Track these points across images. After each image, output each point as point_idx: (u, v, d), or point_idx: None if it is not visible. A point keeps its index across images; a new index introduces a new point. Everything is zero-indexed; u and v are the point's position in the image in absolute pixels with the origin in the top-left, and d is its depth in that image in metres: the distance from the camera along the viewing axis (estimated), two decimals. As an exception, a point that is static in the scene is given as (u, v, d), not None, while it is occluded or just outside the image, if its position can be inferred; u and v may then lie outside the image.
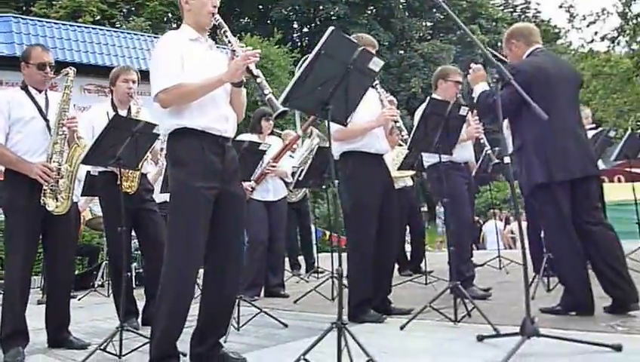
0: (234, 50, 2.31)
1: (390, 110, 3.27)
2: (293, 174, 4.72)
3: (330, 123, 2.27)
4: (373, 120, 3.22)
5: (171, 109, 2.28)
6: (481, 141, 4.36)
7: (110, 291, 4.39)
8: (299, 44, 26.17)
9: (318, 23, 26.96)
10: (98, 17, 17.56)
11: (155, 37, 11.41)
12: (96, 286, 5.80)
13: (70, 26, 10.58)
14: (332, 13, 25.07)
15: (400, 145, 4.08)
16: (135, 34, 11.27)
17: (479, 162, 4.92)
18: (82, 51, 9.90)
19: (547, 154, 2.88)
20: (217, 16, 2.41)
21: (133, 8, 19.29)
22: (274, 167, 4.34)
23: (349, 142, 3.24)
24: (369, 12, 26.20)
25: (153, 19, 18.65)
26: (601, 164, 4.83)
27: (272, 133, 4.59)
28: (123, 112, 3.40)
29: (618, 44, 11.64)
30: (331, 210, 5.86)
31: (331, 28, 2.30)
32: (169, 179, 2.34)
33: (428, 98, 3.28)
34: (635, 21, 11.06)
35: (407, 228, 5.77)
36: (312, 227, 6.86)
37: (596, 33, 11.43)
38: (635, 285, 2.78)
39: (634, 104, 12.35)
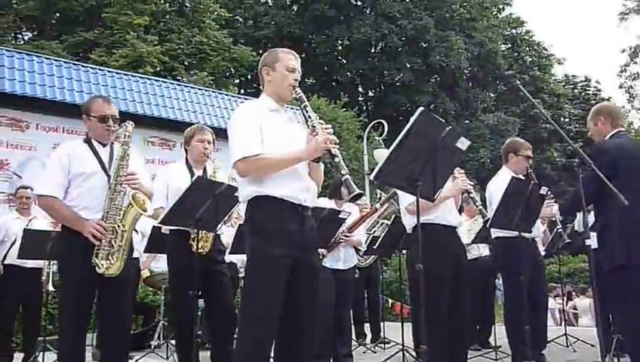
0: (314, 126, 2.48)
1: (463, 181, 3.40)
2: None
3: (418, 198, 2.42)
4: (446, 191, 3.34)
5: (251, 177, 2.45)
6: (553, 219, 4.47)
7: (169, 353, 4.53)
8: (364, 107, 26.98)
9: (383, 88, 27.84)
10: (159, 69, 18.71)
11: (218, 92, 12.08)
12: (153, 346, 5.97)
13: (132, 76, 11.27)
14: (397, 79, 25.90)
15: (477, 214, 4.20)
16: (200, 88, 11.95)
17: (550, 238, 5.11)
18: (145, 103, 10.50)
19: (630, 237, 3.04)
20: (298, 90, 2.59)
21: (195, 62, 20.54)
22: (348, 236, 4.47)
23: (422, 214, 3.35)
24: (433, 80, 26.89)
25: (216, 74, 19.74)
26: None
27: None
28: (199, 172, 3.61)
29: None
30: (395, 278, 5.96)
31: (421, 108, 2.49)
32: (246, 246, 2.49)
33: (511, 177, 3.41)
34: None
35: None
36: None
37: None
38: None
39: None
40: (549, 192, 3.73)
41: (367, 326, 6.74)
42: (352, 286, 4.67)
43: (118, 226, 2.85)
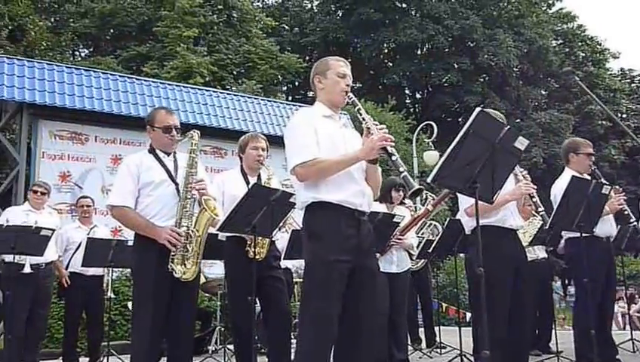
0: (369, 128, 2.49)
1: (526, 184, 3.30)
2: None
3: (477, 200, 2.37)
4: (508, 194, 3.25)
5: (308, 183, 2.47)
6: (625, 213, 4.29)
7: (227, 358, 4.61)
8: (412, 110, 26.78)
9: (430, 89, 27.54)
10: (208, 79, 19.14)
11: (267, 100, 12.24)
12: (210, 351, 6.09)
13: (184, 87, 11.56)
14: (444, 80, 25.58)
15: (533, 215, 4.09)
16: (249, 97, 12.14)
17: (616, 234, 4.89)
18: (196, 112, 10.75)
19: None
20: (351, 95, 2.62)
21: (243, 71, 20.92)
22: (401, 239, 4.43)
23: (482, 216, 3.28)
24: (482, 80, 26.39)
25: (264, 82, 20.03)
26: None
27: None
28: (253, 179, 3.66)
29: None
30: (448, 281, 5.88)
31: (478, 108, 2.45)
32: (304, 252, 2.51)
33: (571, 177, 3.30)
34: None
35: None
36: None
37: None
38: None
39: None
40: (616, 188, 3.60)
41: (419, 331, 6.66)
42: (406, 290, 4.63)
43: (192, 231, 2.91)
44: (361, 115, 2.58)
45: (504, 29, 25.11)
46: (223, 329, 6.82)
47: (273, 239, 3.61)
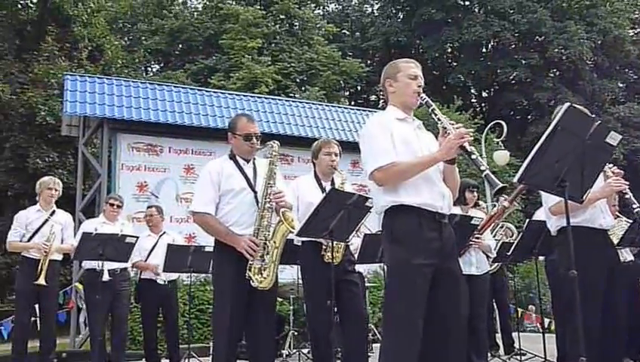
0: (445, 128, 2.44)
1: (616, 181, 3.12)
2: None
3: (567, 200, 2.25)
4: (597, 191, 3.08)
5: (387, 186, 2.45)
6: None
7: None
8: (479, 109, 26.12)
9: (497, 87, 26.75)
10: (272, 88, 19.48)
11: (331, 106, 12.29)
12: (284, 355, 6.15)
13: (251, 97, 11.81)
14: (512, 77, 24.76)
15: (617, 216, 3.83)
16: (313, 103, 12.24)
17: None
18: (263, 121, 10.94)
19: None
20: (423, 95, 2.59)
21: (306, 78, 21.15)
22: (479, 239, 4.31)
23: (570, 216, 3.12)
24: (552, 75, 25.32)
25: (327, 88, 20.16)
26: None
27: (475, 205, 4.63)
28: (327, 184, 3.68)
29: None
30: (520, 285, 5.62)
31: (567, 104, 2.35)
32: (385, 256, 2.48)
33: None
34: None
35: None
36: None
37: None
38: None
39: None
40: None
41: (496, 336, 6.43)
42: (486, 293, 4.48)
43: (269, 242, 2.94)
44: (435, 115, 2.54)
45: (575, 20, 23.99)
46: (296, 333, 6.86)
47: (348, 243, 3.61)
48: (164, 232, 5.96)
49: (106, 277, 5.13)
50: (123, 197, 8.56)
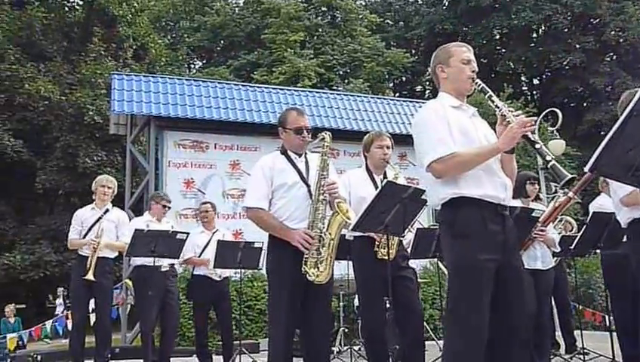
0: (504, 115, 2.35)
1: None
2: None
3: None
4: None
5: (446, 178, 2.37)
6: None
7: (354, 359, 4.61)
8: (530, 97, 25.42)
9: (550, 74, 25.95)
10: (315, 81, 19.50)
11: (375, 97, 12.20)
12: (335, 352, 6.16)
13: (295, 90, 11.82)
14: (565, 62, 23.97)
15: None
16: (358, 95, 12.17)
17: None
18: (307, 115, 10.85)
19: None
20: (478, 81, 2.50)
21: (349, 70, 21.09)
22: (543, 232, 4.16)
23: (637, 207, 2.98)
24: (609, 58, 24.36)
25: (371, 80, 20.04)
26: None
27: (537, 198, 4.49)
28: (378, 178, 3.63)
29: None
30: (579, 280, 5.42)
31: (644, 87, 2.20)
32: (446, 251, 2.40)
33: None
34: None
35: None
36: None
37: None
38: None
39: None
40: None
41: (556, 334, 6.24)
42: (550, 289, 4.33)
43: (325, 235, 2.92)
44: (493, 101, 2.45)
45: (633, 0, 23.00)
46: (346, 330, 6.85)
47: (402, 238, 3.55)
48: (217, 229, 6.04)
49: (166, 265, 5.30)
50: (170, 194, 8.85)
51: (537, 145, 2.27)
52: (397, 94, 24.20)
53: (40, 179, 14.95)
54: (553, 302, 6.10)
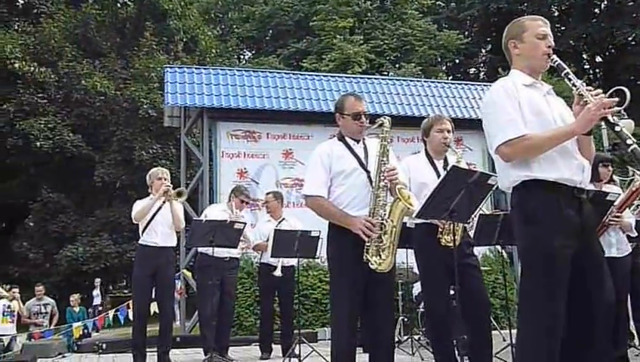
0: (581, 95, 2.24)
1: None
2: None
3: None
4: None
5: (517, 160, 2.28)
6: None
7: (414, 349, 4.57)
8: (592, 76, 24.39)
9: (614, 50, 24.79)
10: (366, 67, 19.33)
11: (429, 81, 11.97)
12: (395, 342, 6.12)
13: (346, 77, 11.71)
14: (631, 38, 22.80)
15: None
16: (411, 80, 11.98)
17: None
18: (361, 102, 10.80)
19: None
20: (554, 57, 2.36)
21: (400, 55, 20.80)
22: (618, 217, 3.98)
23: None
24: (678, 31, 23.03)
25: (423, 64, 19.72)
26: None
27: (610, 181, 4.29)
28: (439, 163, 3.55)
29: None
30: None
31: None
32: (519, 237, 2.31)
33: None
34: None
35: None
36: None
37: None
38: None
39: None
40: None
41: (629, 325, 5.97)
42: (627, 277, 4.13)
43: (386, 222, 2.87)
44: (570, 80, 2.32)
45: None
46: (406, 319, 6.79)
47: (467, 225, 3.46)
48: (284, 218, 6.12)
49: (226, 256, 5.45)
50: (224, 185, 8.99)
51: (617, 128, 2.15)
52: (450, 77, 23.69)
53: (98, 172, 15.53)
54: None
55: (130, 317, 7.27)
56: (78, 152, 15.64)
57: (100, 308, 10.95)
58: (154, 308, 6.00)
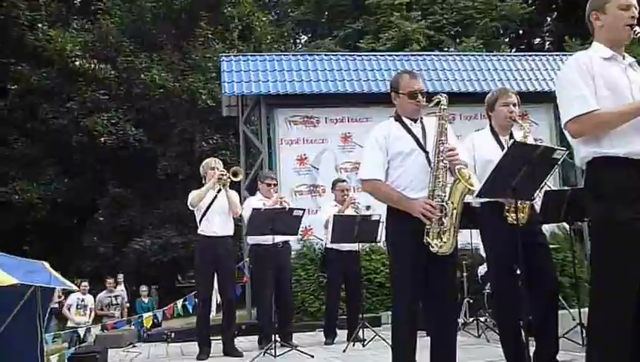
0: None
1: None
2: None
3: None
4: None
5: (587, 136, 2.27)
6: None
7: (480, 331, 4.53)
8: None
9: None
10: (425, 44, 18.95)
11: (492, 55, 11.64)
12: (460, 324, 6.11)
13: (404, 55, 11.59)
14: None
15: None
16: (472, 55, 11.71)
17: None
18: (419, 80, 10.64)
19: None
20: (637, 29, 2.30)
21: (460, 29, 20.25)
22: None
23: None
24: None
25: (485, 37, 19.15)
26: None
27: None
28: (504, 139, 3.49)
29: None
30: None
31: None
32: (590, 215, 2.30)
33: None
34: None
35: None
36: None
37: None
38: None
39: None
40: None
41: None
42: None
43: (447, 204, 2.85)
44: None
45: None
46: (471, 301, 6.74)
47: (533, 202, 3.39)
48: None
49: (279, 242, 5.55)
50: (284, 172, 9.12)
51: None
52: (514, 49, 22.85)
53: (161, 165, 16.07)
54: None
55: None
56: (141, 146, 16.22)
57: (128, 305, 11.41)
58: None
